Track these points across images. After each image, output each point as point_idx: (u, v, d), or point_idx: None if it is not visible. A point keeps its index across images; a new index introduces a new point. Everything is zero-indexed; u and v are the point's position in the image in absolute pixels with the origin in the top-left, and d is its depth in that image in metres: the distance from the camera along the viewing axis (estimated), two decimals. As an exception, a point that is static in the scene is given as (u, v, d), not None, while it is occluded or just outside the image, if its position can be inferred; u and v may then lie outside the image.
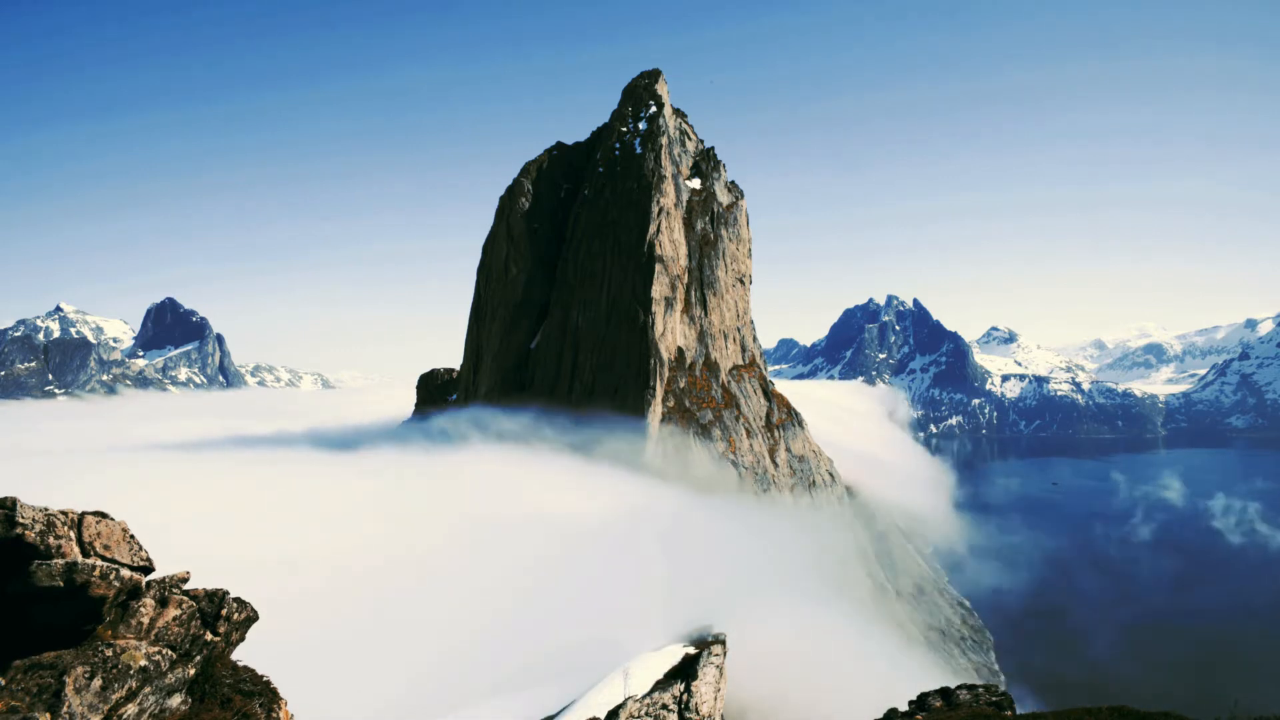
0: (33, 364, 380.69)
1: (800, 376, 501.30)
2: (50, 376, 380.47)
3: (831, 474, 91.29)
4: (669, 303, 76.87)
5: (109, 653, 7.49)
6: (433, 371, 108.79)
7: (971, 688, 19.94)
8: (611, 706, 22.95)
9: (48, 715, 6.61)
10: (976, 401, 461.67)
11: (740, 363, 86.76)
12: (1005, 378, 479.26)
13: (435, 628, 37.15)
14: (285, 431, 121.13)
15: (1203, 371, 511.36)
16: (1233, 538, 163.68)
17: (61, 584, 7.42)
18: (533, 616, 39.91)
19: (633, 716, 21.31)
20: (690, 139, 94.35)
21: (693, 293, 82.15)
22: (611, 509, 58.52)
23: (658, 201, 78.56)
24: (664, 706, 22.22)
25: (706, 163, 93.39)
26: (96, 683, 7.15)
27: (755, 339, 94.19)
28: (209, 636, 8.93)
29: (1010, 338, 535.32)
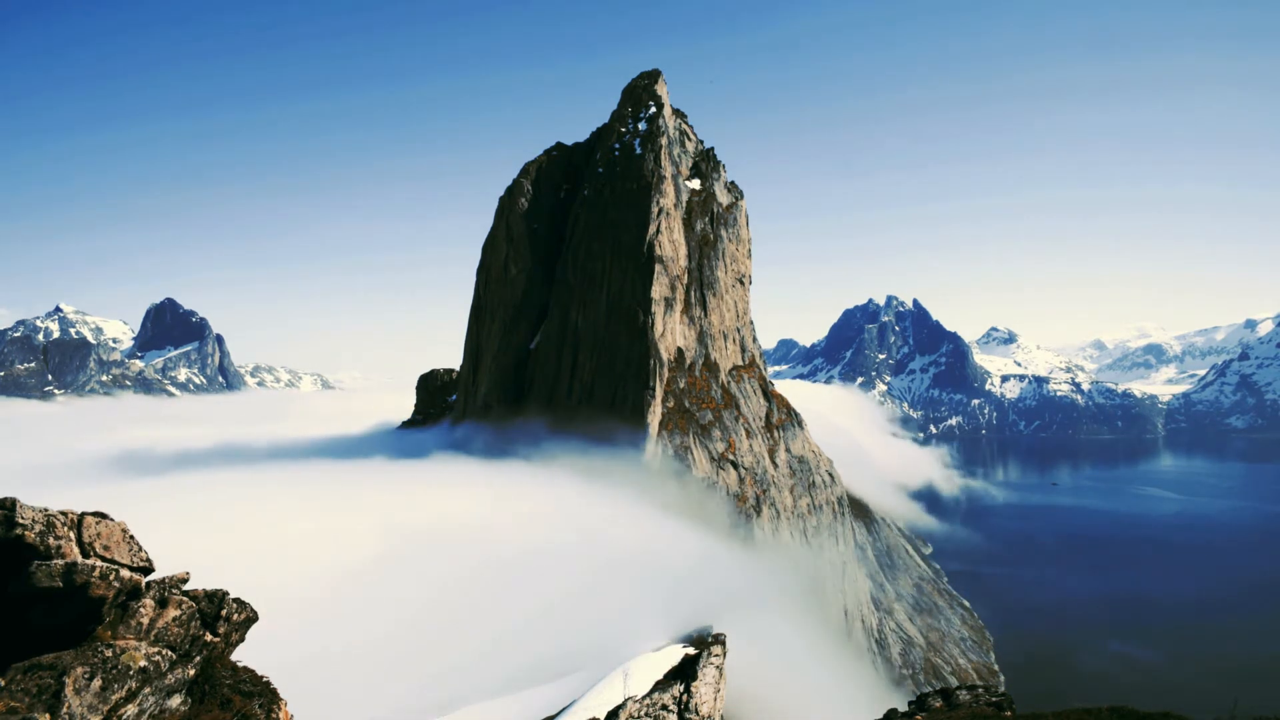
0: (32, 365, 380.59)
1: (800, 377, 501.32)
2: (50, 377, 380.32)
3: (831, 474, 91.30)
4: (669, 303, 76.89)
5: (109, 653, 7.49)
6: (432, 372, 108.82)
7: (971, 688, 19.96)
8: (611, 707, 22.94)
9: (47, 716, 6.60)
10: (976, 402, 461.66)
11: (740, 363, 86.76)
12: (1005, 378, 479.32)
13: (435, 629, 37.16)
14: (284, 433, 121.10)
15: (1202, 372, 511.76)
16: (1232, 536, 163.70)
17: (61, 585, 7.42)
18: (533, 617, 39.93)
19: (633, 717, 21.31)
20: (690, 139, 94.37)
21: (692, 293, 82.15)
22: (611, 510, 58.54)
23: (657, 202, 78.59)
24: (664, 707, 22.21)
25: (706, 163, 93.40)
26: (96, 683, 7.15)
27: (755, 339, 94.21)
28: (209, 637, 8.93)
29: (1010, 338, 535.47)
